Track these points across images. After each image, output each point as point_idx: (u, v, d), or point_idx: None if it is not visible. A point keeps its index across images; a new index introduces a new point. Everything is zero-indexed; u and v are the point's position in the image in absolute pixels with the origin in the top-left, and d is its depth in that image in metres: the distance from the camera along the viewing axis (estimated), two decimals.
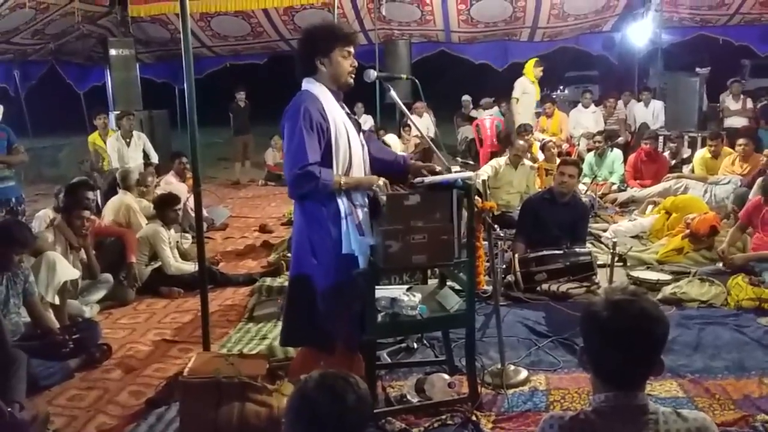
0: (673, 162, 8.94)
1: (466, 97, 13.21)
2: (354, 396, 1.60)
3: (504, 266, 5.06)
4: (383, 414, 3.10)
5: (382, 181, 2.97)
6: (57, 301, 4.29)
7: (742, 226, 5.43)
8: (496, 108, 12.67)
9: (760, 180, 5.66)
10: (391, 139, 8.93)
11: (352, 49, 3.06)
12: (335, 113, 2.98)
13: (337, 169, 2.96)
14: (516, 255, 4.99)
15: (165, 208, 5.74)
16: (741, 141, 7.56)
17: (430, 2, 10.88)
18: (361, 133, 3.16)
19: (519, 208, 5.92)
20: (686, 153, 9.18)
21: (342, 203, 2.96)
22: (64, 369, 3.77)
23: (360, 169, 3.07)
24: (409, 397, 3.29)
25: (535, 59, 9.86)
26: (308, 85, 3.04)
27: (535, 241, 5.15)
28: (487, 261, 4.11)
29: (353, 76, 3.09)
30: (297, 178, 2.85)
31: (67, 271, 4.42)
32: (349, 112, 3.14)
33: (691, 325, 4.17)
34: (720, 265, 5.18)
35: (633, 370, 1.59)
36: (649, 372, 1.61)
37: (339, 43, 3.01)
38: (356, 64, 3.09)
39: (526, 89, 9.62)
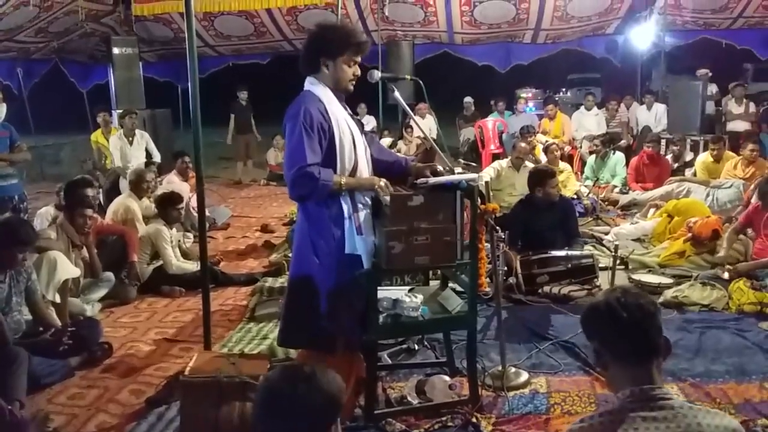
0: (676, 165, 8.94)
1: (467, 99, 13.19)
2: (305, 386, 1.60)
3: (505, 268, 5.05)
4: (383, 415, 3.10)
5: (383, 181, 2.96)
6: (58, 299, 4.28)
7: (738, 229, 5.41)
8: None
9: (758, 184, 5.64)
10: (384, 142, 8.96)
11: (359, 59, 3.05)
12: (338, 113, 2.97)
13: (344, 169, 2.95)
14: (517, 258, 4.98)
15: (167, 206, 5.74)
16: (750, 146, 7.52)
17: (433, 3, 10.88)
18: (363, 134, 3.15)
19: None
20: (689, 156, 9.16)
21: (345, 204, 2.95)
22: (64, 367, 3.77)
23: (365, 169, 3.07)
24: (409, 398, 3.29)
25: None
26: (311, 85, 3.02)
27: (530, 247, 5.13)
28: (489, 263, 4.11)
29: (354, 83, 3.08)
30: (296, 179, 2.83)
31: (68, 269, 4.42)
32: (351, 112, 3.14)
33: (692, 328, 4.16)
34: (725, 275, 5.05)
35: (647, 344, 1.70)
36: (659, 349, 1.71)
37: (349, 50, 2.99)
38: (359, 72, 3.07)
39: None
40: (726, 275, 5.04)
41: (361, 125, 3.19)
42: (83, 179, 5.60)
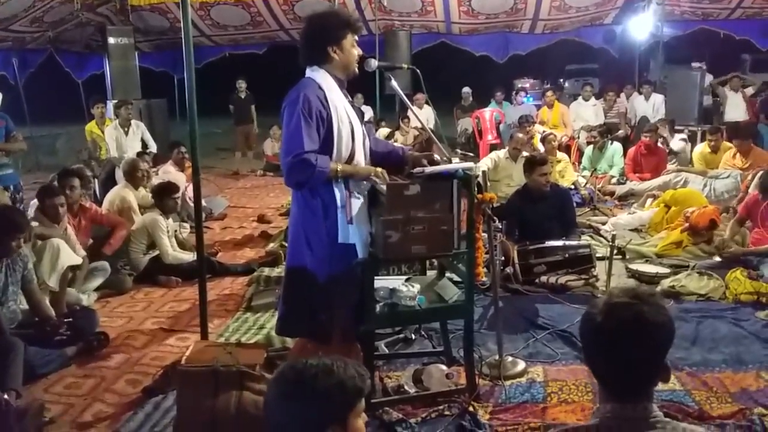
0: None
1: (466, 89, 13.15)
2: (318, 372, 1.60)
3: (502, 258, 5.04)
4: (380, 404, 3.10)
5: (380, 169, 2.95)
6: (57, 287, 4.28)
7: (741, 219, 5.43)
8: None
9: (759, 176, 5.65)
10: (381, 133, 8.94)
11: (356, 38, 3.05)
12: (337, 101, 2.94)
13: (340, 158, 2.92)
14: (514, 248, 4.97)
15: (164, 196, 5.71)
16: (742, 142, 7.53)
17: None
18: (362, 123, 3.13)
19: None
20: (676, 146, 8.94)
21: (338, 192, 2.93)
22: (61, 357, 3.77)
23: (362, 159, 3.05)
24: (406, 387, 3.29)
25: None
26: (311, 72, 3.00)
27: (527, 237, 5.13)
28: (486, 253, 4.10)
29: (358, 64, 3.08)
30: (292, 166, 2.80)
31: (70, 256, 4.44)
32: (351, 100, 3.12)
33: (689, 318, 4.17)
34: (717, 258, 5.16)
35: (632, 377, 1.51)
36: (652, 379, 1.54)
37: (350, 30, 2.99)
38: (361, 52, 3.07)
39: None
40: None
41: (361, 114, 3.17)
42: (66, 170, 5.58)
